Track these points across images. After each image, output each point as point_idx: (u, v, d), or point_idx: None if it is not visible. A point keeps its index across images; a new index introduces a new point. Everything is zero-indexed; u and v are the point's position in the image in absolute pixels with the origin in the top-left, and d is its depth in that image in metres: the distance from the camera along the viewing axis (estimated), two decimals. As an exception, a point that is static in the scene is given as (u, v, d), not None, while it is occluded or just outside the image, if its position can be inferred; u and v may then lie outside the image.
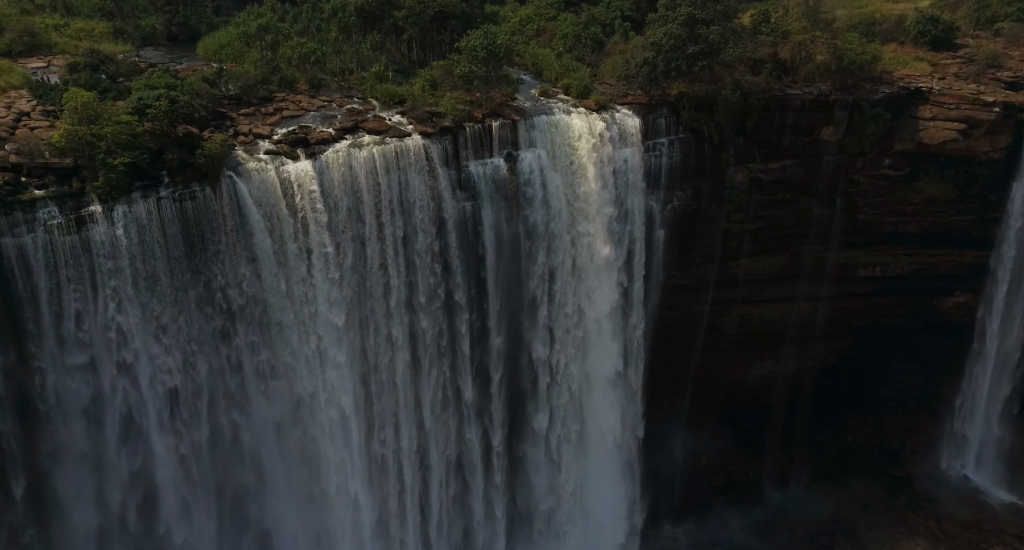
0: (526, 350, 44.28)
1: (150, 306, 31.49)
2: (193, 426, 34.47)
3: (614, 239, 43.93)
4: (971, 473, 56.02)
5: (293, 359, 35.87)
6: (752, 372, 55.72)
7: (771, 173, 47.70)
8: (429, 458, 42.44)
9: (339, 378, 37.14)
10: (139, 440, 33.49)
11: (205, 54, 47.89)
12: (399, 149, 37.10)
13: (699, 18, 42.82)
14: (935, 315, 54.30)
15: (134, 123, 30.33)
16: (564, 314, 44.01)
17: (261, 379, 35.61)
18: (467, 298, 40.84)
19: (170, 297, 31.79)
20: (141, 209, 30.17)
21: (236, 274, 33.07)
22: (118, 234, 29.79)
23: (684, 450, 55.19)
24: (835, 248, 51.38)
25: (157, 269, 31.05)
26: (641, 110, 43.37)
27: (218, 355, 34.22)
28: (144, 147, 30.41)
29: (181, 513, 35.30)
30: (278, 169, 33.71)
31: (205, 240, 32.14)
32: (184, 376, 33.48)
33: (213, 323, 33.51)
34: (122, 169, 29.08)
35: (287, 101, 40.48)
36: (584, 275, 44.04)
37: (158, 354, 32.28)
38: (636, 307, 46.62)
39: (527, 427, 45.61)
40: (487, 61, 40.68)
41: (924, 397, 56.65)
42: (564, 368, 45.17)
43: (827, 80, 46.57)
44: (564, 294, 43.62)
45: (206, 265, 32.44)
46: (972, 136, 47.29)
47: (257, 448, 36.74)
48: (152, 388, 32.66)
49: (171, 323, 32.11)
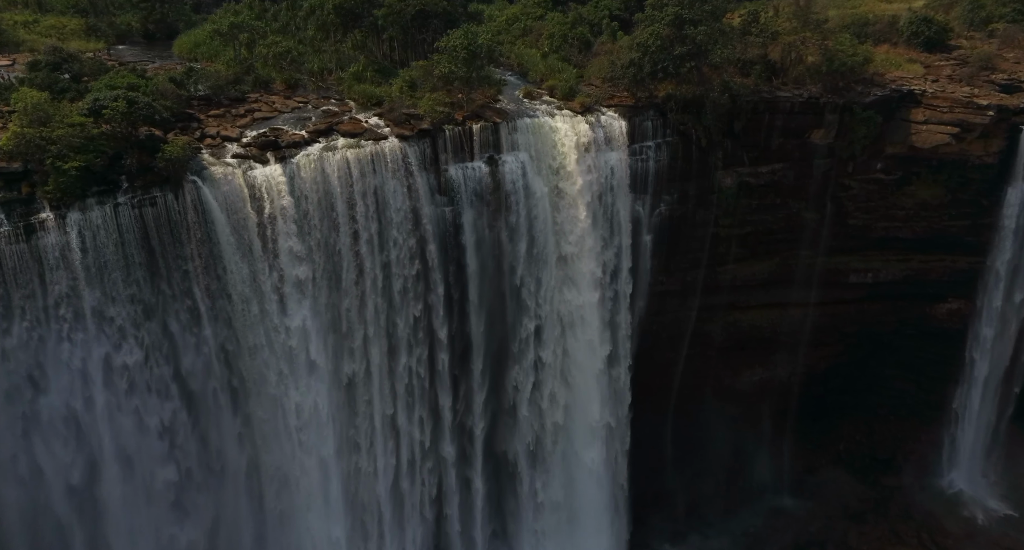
0: (510, 357, 43.05)
1: (104, 318, 29.81)
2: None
3: (600, 245, 42.88)
4: (964, 483, 54.99)
5: (262, 381, 34.43)
6: (741, 379, 54.95)
7: (760, 177, 46.80)
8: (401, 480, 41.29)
9: (313, 395, 35.70)
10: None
11: (181, 52, 46.76)
12: (375, 153, 35.83)
13: (686, 18, 41.79)
14: (927, 321, 53.41)
15: (88, 125, 28.92)
16: (549, 321, 42.81)
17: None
18: (446, 307, 39.67)
19: (128, 309, 30.19)
20: (96, 216, 28.67)
21: (201, 285, 31.56)
22: (71, 242, 28.30)
23: (671, 459, 54.18)
24: (825, 253, 50.58)
25: (114, 279, 29.51)
26: (627, 112, 42.36)
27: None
28: (99, 150, 28.95)
29: None
30: (246, 174, 32.36)
31: (167, 248, 30.64)
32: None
33: (175, 337, 31.96)
34: (74, 173, 27.63)
35: (260, 102, 39.22)
36: (569, 281, 42.95)
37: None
38: (622, 314, 45.55)
39: (510, 442, 44.44)
40: (468, 61, 39.49)
41: (916, 404, 55.78)
42: (548, 372, 44.00)
43: (818, 82, 45.57)
44: (549, 300, 42.45)
45: (168, 275, 30.95)
46: (965, 140, 46.34)
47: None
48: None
49: (129, 331, 30.47)
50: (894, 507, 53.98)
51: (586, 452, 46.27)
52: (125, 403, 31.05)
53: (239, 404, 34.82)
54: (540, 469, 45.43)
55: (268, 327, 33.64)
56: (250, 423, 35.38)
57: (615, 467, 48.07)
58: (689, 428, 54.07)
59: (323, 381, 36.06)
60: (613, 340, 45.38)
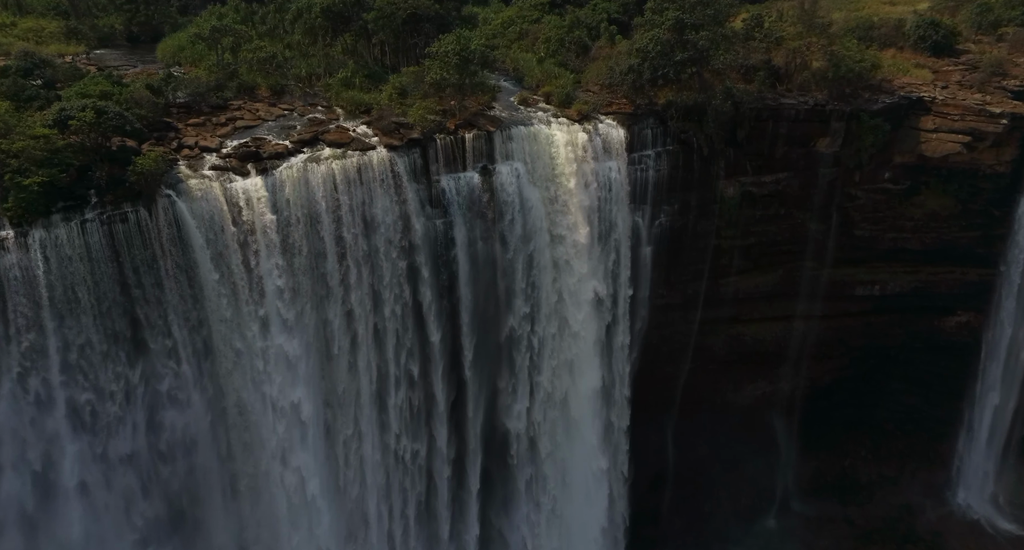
0: (504, 372, 41.51)
1: (72, 344, 28.02)
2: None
3: (598, 258, 41.48)
4: (974, 502, 53.41)
5: (243, 407, 32.81)
6: (743, 393, 53.69)
7: (764, 186, 45.61)
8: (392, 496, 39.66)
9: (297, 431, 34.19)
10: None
11: (164, 56, 45.28)
12: (362, 163, 34.23)
13: (688, 22, 40.49)
14: (936, 334, 51.98)
15: (54, 137, 27.20)
16: (545, 338, 41.31)
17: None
18: (439, 322, 38.12)
19: (97, 334, 28.39)
20: (62, 234, 26.92)
21: (176, 307, 29.81)
22: (34, 263, 26.50)
23: (670, 475, 52.70)
24: (831, 265, 49.39)
25: (82, 302, 27.69)
26: (626, 120, 41.03)
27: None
28: (65, 163, 27.25)
29: None
30: (224, 187, 30.65)
31: (139, 267, 28.85)
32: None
33: (149, 364, 30.17)
34: (36, 189, 25.90)
35: (243, 109, 37.66)
36: (566, 296, 41.39)
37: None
38: (622, 328, 44.08)
39: (506, 467, 42.89)
40: (460, 67, 37.94)
41: (924, 420, 54.18)
42: (547, 396, 42.55)
43: (823, 88, 44.38)
44: (545, 316, 41.01)
45: (141, 296, 29.16)
46: (977, 149, 44.98)
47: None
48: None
49: (98, 366, 28.63)
50: (901, 527, 52.44)
51: (585, 468, 44.85)
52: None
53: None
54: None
55: (250, 354, 31.91)
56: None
57: (613, 484, 46.61)
58: (689, 443, 52.68)
59: (314, 426, 34.49)
60: (611, 354, 44.05)
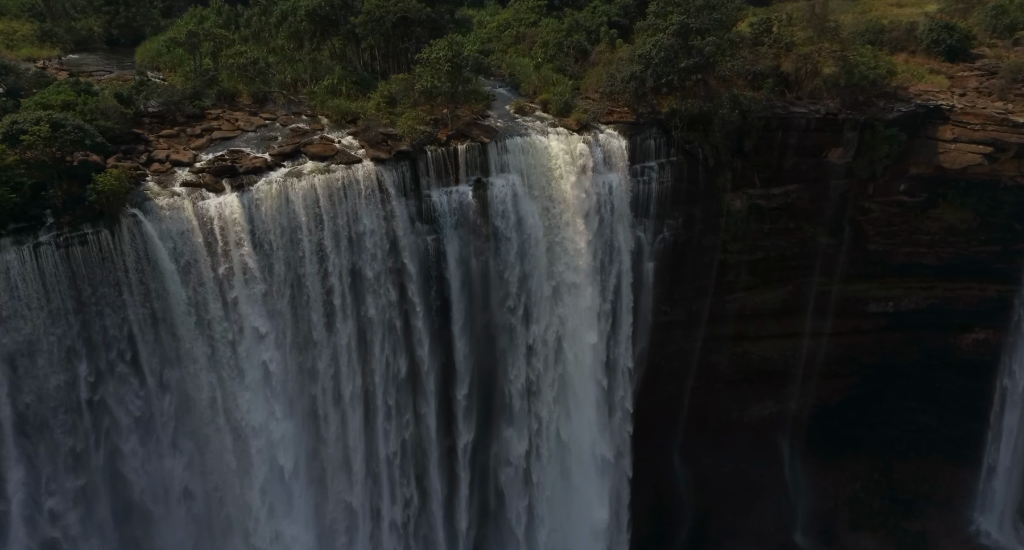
0: (500, 394, 39.63)
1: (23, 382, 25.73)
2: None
3: (598, 274, 39.70)
4: (994, 529, 51.17)
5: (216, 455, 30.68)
6: (750, 412, 52.01)
7: (772, 199, 43.88)
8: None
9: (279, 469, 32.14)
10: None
11: (143, 61, 43.12)
12: (346, 178, 32.06)
13: (692, 27, 38.64)
14: (952, 352, 49.99)
15: (4, 152, 24.96)
16: (543, 358, 39.45)
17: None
18: (430, 343, 36.17)
19: (52, 372, 26.04)
20: (13, 258, 24.66)
21: (143, 339, 27.52)
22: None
23: (674, 498, 50.67)
24: (842, 280, 47.60)
25: (35, 334, 25.36)
26: (628, 129, 39.16)
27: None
28: (16, 181, 25.06)
29: None
30: (196, 205, 28.42)
31: (100, 295, 26.57)
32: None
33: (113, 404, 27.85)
34: (-20, 211, 23.77)
35: (221, 119, 35.54)
36: (565, 315, 39.29)
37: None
38: (623, 348, 42.15)
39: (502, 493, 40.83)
40: (452, 74, 35.82)
41: (939, 441, 52.08)
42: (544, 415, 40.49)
43: (835, 96, 42.51)
44: (543, 336, 39.14)
45: (102, 327, 26.83)
46: (998, 160, 42.87)
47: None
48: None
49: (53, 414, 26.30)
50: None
51: (585, 490, 42.89)
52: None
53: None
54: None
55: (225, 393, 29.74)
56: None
57: (616, 506, 44.85)
58: (693, 465, 50.97)
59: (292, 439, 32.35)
60: (613, 375, 42.25)
